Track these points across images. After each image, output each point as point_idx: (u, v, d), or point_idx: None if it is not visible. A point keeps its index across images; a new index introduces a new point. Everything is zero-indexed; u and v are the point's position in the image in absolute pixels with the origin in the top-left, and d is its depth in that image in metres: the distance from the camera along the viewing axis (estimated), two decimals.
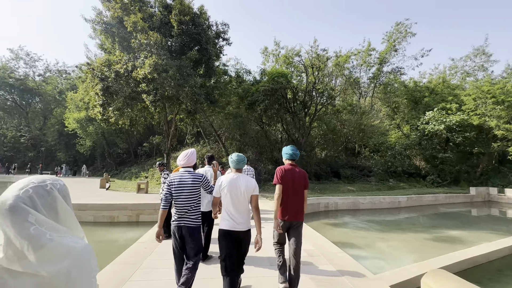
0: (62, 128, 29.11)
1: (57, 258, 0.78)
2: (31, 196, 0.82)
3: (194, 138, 26.62)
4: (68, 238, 0.85)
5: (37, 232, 0.78)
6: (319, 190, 16.29)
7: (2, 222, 0.77)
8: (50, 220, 0.83)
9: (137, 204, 9.23)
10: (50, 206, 0.85)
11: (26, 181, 0.86)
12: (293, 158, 3.15)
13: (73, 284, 0.79)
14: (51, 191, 0.87)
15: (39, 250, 0.77)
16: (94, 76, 13.48)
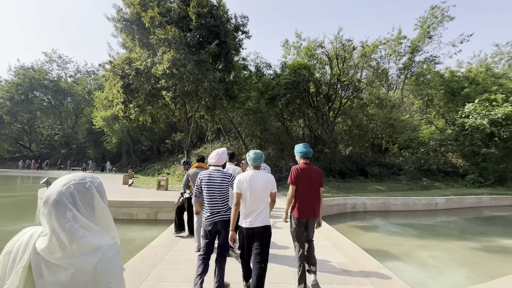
0: (90, 126, 30.46)
1: (85, 254, 0.85)
2: (73, 192, 0.88)
3: (214, 135, 26.52)
4: (98, 237, 0.91)
5: (71, 228, 0.85)
6: (345, 189, 15.29)
7: (48, 215, 0.85)
8: (85, 219, 0.89)
9: (155, 202, 9.03)
10: (88, 203, 0.91)
11: (69, 178, 0.92)
12: (307, 156, 3.11)
13: (100, 279, 0.85)
14: (90, 188, 0.93)
15: (71, 245, 0.83)
16: (115, 74, 13.59)
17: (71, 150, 37.37)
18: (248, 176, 2.68)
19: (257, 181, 2.66)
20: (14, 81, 33.14)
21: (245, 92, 16.63)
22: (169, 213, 8.92)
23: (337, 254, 4.42)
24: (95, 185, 0.95)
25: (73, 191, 0.88)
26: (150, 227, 8.39)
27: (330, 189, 14.79)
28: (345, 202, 11.20)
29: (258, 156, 2.77)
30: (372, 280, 3.49)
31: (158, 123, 19.23)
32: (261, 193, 2.66)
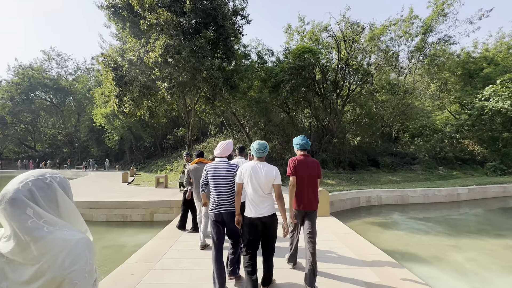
0: (92, 124, 29.98)
1: (53, 250, 0.82)
2: (31, 189, 0.85)
3: (217, 129, 25.67)
4: (66, 231, 0.88)
5: (35, 225, 0.82)
6: (356, 181, 14.32)
7: (5, 215, 0.82)
8: (49, 214, 0.86)
9: (150, 201, 8.26)
10: (50, 198, 0.89)
11: (26, 175, 0.89)
12: (304, 148, 3.14)
13: (66, 275, 0.81)
14: (51, 184, 0.90)
15: (37, 242, 0.81)
16: (106, 66, 12.74)
17: (75, 149, 37.14)
18: (250, 166, 2.65)
19: (259, 172, 2.61)
20: (13, 81, 32.73)
21: (247, 81, 15.62)
22: (166, 213, 8.16)
23: (365, 268, 3.52)
24: (57, 180, 0.93)
25: (31, 188, 0.85)
26: (145, 229, 7.64)
27: (341, 182, 13.84)
28: (359, 196, 10.26)
29: (262, 146, 2.73)
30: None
31: (157, 117, 18.45)
32: (264, 183, 2.61)
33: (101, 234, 7.22)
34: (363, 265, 3.58)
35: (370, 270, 3.43)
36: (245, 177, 2.65)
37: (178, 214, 5.62)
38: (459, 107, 21.65)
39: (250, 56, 17.74)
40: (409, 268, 4.79)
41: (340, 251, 4.04)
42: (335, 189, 10.73)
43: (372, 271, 3.41)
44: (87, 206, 8.17)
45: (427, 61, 19.68)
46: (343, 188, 10.96)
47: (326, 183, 13.33)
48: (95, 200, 8.32)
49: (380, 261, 3.73)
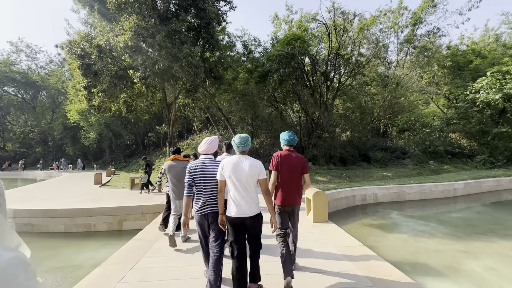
0: (66, 121, 27.83)
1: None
2: None
3: (202, 124, 24.38)
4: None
5: None
6: (348, 177, 13.63)
7: None
8: None
9: (119, 207, 7.08)
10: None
11: None
12: (290, 144, 3.05)
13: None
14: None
15: None
16: (71, 53, 11.26)
17: (49, 148, 34.68)
18: (232, 161, 2.49)
19: (242, 167, 2.45)
20: None
21: (232, 72, 14.52)
22: (138, 220, 7.02)
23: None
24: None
25: None
26: (111, 241, 6.48)
27: (332, 178, 13.10)
28: (354, 194, 9.50)
29: (244, 140, 2.56)
30: None
31: (135, 112, 16.98)
32: (248, 179, 2.45)
33: (55, 249, 6.01)
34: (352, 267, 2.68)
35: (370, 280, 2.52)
36: (226, 173, 2.46)
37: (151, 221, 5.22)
38: (446, 100, 21.52)
39: (235, 47, 16.64)
40: (424, 283, 3.97)
41: (352, 277, 3.10)
42: (328, 187, 9.93)
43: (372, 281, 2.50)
44: (42, 215, 6.89)
45: (416, 53, 19.26)
46: (336, 186, 10.18)
47: (317, 180, 12.55)
48: (52, 208, 7.04)
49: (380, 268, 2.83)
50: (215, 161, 2.78)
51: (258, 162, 2.53)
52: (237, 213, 2.43)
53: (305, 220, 5.31)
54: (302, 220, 4.67)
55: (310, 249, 3.93)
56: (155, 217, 6.57)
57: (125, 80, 11.80)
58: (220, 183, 2.53)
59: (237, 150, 2.57)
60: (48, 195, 9.61)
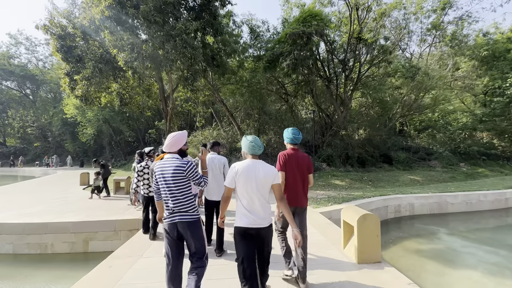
0: (64, 116, 26.62)
1: None
2: None
3: (204, 121, 22.65)
4: None
5: None
6: (371, 181, 11.72)
7: None
8: None
9: (85, 222, 5.40)
10: None
11: None
12: (294, 142, 2.85)
13: None
14: None
15: None
16: (49, 33, 9.64)
17: (49, 144, 33.63)
18: (245, 166, 2.16)
19: (257, 172, 2.14)
20: None
21: (237, 60, 12.73)
22: (109, 240, 5.33)
23: None
24: None
25: None
26: (71, 270, 4.83)
27: (352, 183, 11.21)
28: (386, 205, 7.62)
29: (259, 142, 2.26)
30: None
31: (130, 105, 15.39)
32: (260, 187, 2.15)
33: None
34: None
35: None
36: (241, 179, 2.12)
37: (126, 241, 4.35)
38: (482, 94, 19.21)
39: (242, 35, 14.75)
40: None
41: None
42: (353, 195, 8.07)
43: None
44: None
45: (446, 41, 17.06)
46: (362, 194, 8.29)
47: (335, 185, 10.69)
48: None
49: None
50: (179, 161, 2.31)
51: (273, 167, 2.26)
52: (251, 223, 2.11)
53: (342, 256, 3.50)
54: (336, 258, 3.45)
55: None
56: (132, 235, 4.88)
57: (113, 65, 10.12)
58: (229, 190, 2.22)
59: (250, 153, 2.26)
60: (10, 200, 8.05)
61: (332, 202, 6.83)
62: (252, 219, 2.11)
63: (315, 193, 8.63)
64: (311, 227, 4.78)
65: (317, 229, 4.73)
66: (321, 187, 10.16)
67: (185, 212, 2.24)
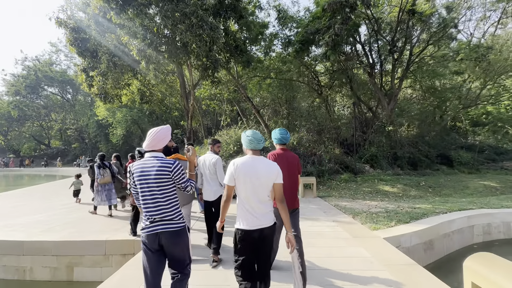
0: (96, 118, 27.57)
1: None
2: None
3: (230, 119, 21.48)
4: None
5: None
6: (431, 189, 9.38)
7: None
8: None
9: (68, 242, 4.23)
10: None
11: None
12: (283, 142, 2.80)
13: None
14: None
15: None
16: (62, 26, 8.97)
17: (86, 146, 35.33)
18: (245, 162, 2.02)
19: (258, 169, 1.99)
20: (20, 75, 31.19)
21: (263, 44, 11.17)
22: (97, 267, 4.10)
23: None
24: None
25: None
26: None
27: (407, 189, 9.00)
28: (471, 224, 5.47)
29: (259, 136, 2.12)
30: None
31: (151, 103, 14.66)
32: (265, 184, 2.00)
33: None
34: None
35: None
36: (241, 177, 1.96)
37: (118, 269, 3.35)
38: None
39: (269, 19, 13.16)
40: None
41: None
42: (419, 208, 6.01)
43: None
44: None
45: None
46: (431, 207, 6.18)
47: (384, 192, 8.61)
48: None
49: None
50: (161, 162, 1.95)
51: (275, 164, 2.10)
52: (253, 225, 1.97)
53: None
54: None
55: None
56: (126, 261, 3.60)
57: (129, 59, 9.20)
58: (229, 189, 2.05)
59: (250, 147, 2.10)
60: (15, 205, 7.38)
61: (395, 220, 4.94)
62: (254, 219, 1.97)
63: (364, 203, 6.74)
64: (377, 265, 3.03)
65: (390, 271, 2.95)
66: (369, 195, 8.17)
67: (169, 220, 1.96)
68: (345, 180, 10.15)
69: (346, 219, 5.20)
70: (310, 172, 10.36)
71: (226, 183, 2.02)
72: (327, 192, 8.81)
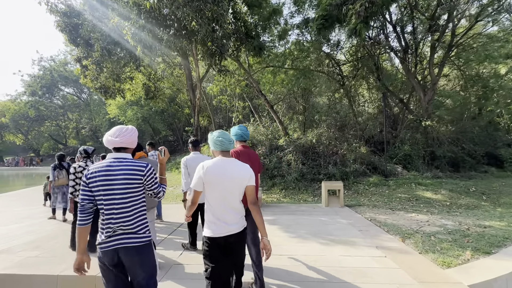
0: (108, 117, 27.47)
1: None
2: None
3: (242, 116, 20.24)
4: None
5: None
6: (485, 195, 7.63)
7: None
8: None
9: (9, 277, 3.10)
10: None
11: None
12: (244, 139, 2.70)
13: None
14: None
15: None
16: (52, 11, 8.05)
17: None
18: (214, 164, 1.86)
19: (230, 171, 1.85)
20: (36, 75, 31.68)
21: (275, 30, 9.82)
22: None
23: None
24: None
25: None
26: None
27: (454, 196, 7.32)
28: None
29: (227, 137, 1.94)
30: None
31: (156, 99, 13.67)
32: (236, 188, 1.87)
33: None
34: None
35: None
36: (211, 180, 1.81)
37: None
38: None
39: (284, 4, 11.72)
40: None
41: None
42: (492, 227, 4.42)
43: None
44: None
45: None
46: (507, 225, 4.56)
47: (428, 200, 6.99)
48: None
49: None
50: (131, 164, 1.71)
51: (247, 166, 1.98)
52: (220, 232, 1.83)
53: None
54: None
55: None
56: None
57: (121, 46, 8.15)
58: (196, 195, 1.90)
59: (220, 149, 1.92)
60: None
61: (469, 248, 3.44)
62: (222, 226, 1.84)
63: (408, 217, 5.22)
64: None
65: None
66: (409, 204, 6.61)
67: (133, 233, 1.67)
68: (374, 183, 8.61)
69: (395, 244, 3.75)
70: (332, 175, 8.91)
71: (194, 188, 1.87)
72: (355, 199, 7.33)
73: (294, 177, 8.67)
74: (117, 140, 1.74)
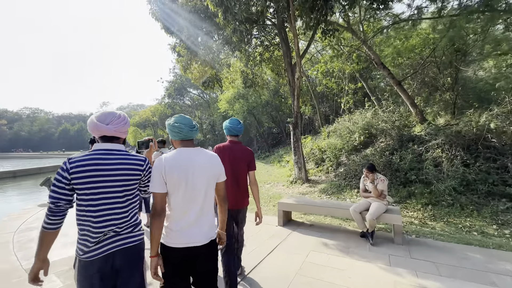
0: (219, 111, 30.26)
1: None
2: None
3: (352, 101, 16.59)
4: None
5: None
6: None
7: None
8: None
9: None
10: None
11: None
12: (233, 133, 2.59)
13: None
14: None
15: None
16: None
17: (216, 137, 40.29)
18: (177, 157, 1.53)
19: (196, 164, 1.53)
20: (171, 81, 39.08)
21: None
22: None
23: None
24: None
25: None
26: None
27: None
28: None
29: (188, 119, 1.64)
30: None
31: (255, 87, 12.66)
32: (205, 184, 1.55)
33: None
34: None
35: None
36: (174, 178, 1.47)
37: None
38: None
39: None
40: None
41: None
42: None
43: None
44: None
45: None
46: None
47: None
48: None
49: None
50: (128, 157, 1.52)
51: (216, 156, 1.68)
52: (183, 242, 1.50)
53: None
54: None
55: None
56: None
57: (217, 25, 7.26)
58: (161, 198, 1.49)
59: (180, 138, 1.58)
60: None
61: None
62: (188, 234, 1.50)
63: None
64: None
65: None
66: None
67: (128, 233, 1.47)
68: None
69: None
70: None
71: (154, 190, 1.48)
72: None
73: (450, 186, 5.25)
74: (110, 127, 1.47)
